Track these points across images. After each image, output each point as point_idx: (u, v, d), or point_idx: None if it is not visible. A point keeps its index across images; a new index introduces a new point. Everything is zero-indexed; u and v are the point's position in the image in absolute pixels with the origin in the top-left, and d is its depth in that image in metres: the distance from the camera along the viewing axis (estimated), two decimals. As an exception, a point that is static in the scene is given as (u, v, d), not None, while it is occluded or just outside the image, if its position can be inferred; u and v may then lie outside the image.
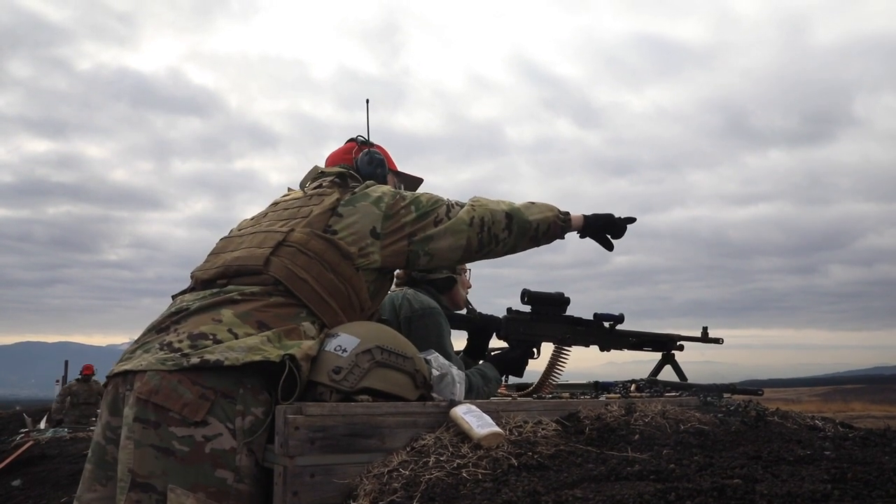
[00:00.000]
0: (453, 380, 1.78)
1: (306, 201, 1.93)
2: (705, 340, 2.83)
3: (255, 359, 1.52)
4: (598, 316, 2.58)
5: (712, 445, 1.63)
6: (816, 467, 1.37)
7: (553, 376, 2.46)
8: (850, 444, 1.67)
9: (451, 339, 2.35)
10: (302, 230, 1.80)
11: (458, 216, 1.94)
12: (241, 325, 1.61)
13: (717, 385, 2.46)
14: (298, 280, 1.72)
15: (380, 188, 1.95)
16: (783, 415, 2.10)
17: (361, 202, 1.88)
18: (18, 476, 5.95)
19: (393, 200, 1.90)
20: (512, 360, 2.47)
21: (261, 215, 1.99)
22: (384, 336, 1.69)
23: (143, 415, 1.49)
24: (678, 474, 1.34)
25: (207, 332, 1.58)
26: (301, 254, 1.75)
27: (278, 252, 1.75)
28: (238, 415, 1.51)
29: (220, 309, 1.65)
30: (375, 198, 1.89)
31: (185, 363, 1.51)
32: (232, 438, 1.50)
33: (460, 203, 2.00)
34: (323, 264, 1.75)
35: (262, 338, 1.58)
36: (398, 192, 1.97)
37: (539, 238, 2.06)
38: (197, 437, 1.47)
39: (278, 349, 1.56)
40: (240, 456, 1.50)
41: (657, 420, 1.79)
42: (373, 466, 1.48)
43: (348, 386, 1.58)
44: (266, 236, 1.82)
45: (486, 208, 1.98)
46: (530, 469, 1.43)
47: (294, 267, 1.73)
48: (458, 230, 1.92)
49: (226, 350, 1.53)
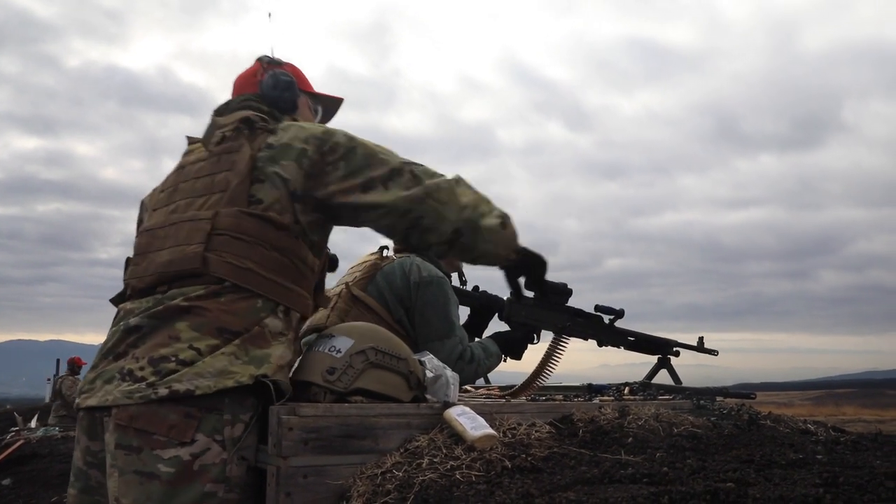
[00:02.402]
0: (447, 381, 1.78)
1: (216, 164, 1.66)
2: (701, 350, 2.85)
3: (228, 384, 1.44)
4: (599, 308, 2.59)
5: (705, 449, 1.63)
6: (808, 471, 1.38)
7: (550, 366, 2.46)
8: (842, 448, 1.67)
9: (457, 310, 2.37)
10: (228, 211, 1.58)
11: (396, 195, 1.61)
12: (200, 337, 1.48)
13: (710, 389, 2.47)
14: (243, 272, 1.56)
15: (304, 131, 1.66)
16: (776, 418, 2.11)
17: (284, 160, 1.61)
18: (8, 475, 5.92)
19: (318, 154, 1.62)
20: (513, 340, 2.49)
21: (171, 188, 1.73)
22: (379, 337, 1.69)
23: (125, 441, 1.42)
24: (671, 477, 1.34)
25: (168, 354, 1.46)
26: (236, 241, 1.57)
27: (211, 246, 1.56)
28: (226, 425, 1.46)
29: (175, 323, 1.50)
30: (298, 151, 1.62)
31: (153, 395, 1.41)
32: (221, 450, 1.45)
33: (419, 175, 1.63)
34: (262, 244, 1.58)
35: (230, 357, 1.47)
36: (328, 138, 1.65)
37: (470, 261, 1.79)
38: (184, 457, 1.41)
39: (248, 365, 1.48)
40: (230, 466, 1.45)
41: (650, 423, 1.80)
42: (366, 468, 1.48)
43: (342, 387, 1.58)
44: (191, 228, 1.60)
45: (438, 208, 1.61)
46: (524, 471, 1.44)
47: (234, 259, 1.56)
48: (383, 210, 1.60)
49: (194, 377, 1.43)
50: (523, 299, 2.53)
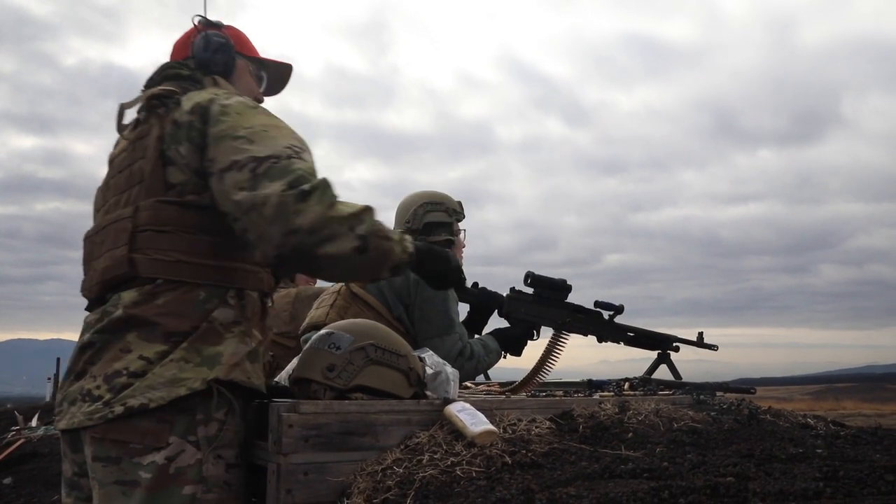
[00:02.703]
0: (447, 378, 1.78)
1: (132, 153, 1.56)
2: (700, 345, 2.85)
3: (181, 393, 1.39)
4: (599, 304, 2.60)
5: (705, 443, 1.64)
6: (808, 465, 1.38)
7: (550, 362, 2.46)
8: (842, 443, 1.68)
9: (456, 307, 2.37)
10: (146, 204, 1.48)
11: (227, 197, 1.40)
12: (148, 345, 1.42)
13: (710, 384, 2.47)
14: (173, 265, 1.46)
15: (192, 101, 1.51)
16: (775, 413, 2.11)
17: (181, 136, 1.49)
18: (9, 474, 5.92)
19: (202, 125, 1.47)
20: (513, 337, 2.49)
21: (104, 186, 1.65)
22: (378, 334, 1.69)
23: (103, 453, 1.40)
24: (671, 472, 1.34)
25: (120, 368, 1.41)
26: (159, 234, 1.47)
27: (136, 246, 1.47)
28: (199, 425, 1.42)
29: (125, 335, 1.44)
30: (188, 125, 1.49)
31: (110, 414, 1.37)
32: (196, 450, 1.42)
33: (261, 176, 1.37)
34: (187, 231, 1.48)
35: (179, 362, 1.41)
36: (209, 105, 1.49)
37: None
38: (159, 461, 1.38)
39: (201, 367, 1.42)
40: (206, 466, 1.42)
41: (650, 418, 1.80)
42: (366, 464, 1.48)
43: (342, 384, 1.58)
44: (117, 229, 1.51)
45: (262, 225, 1.36)
46: (524, 467, 1.44)
47: (161, 254, 1.46)
48: (241, 209, 1.38)
49: (146, 389, 1.38)
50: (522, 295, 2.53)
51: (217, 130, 1.46)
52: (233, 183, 1.39)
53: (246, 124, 1.46)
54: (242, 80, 1.76)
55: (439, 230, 2.49)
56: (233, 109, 1.49)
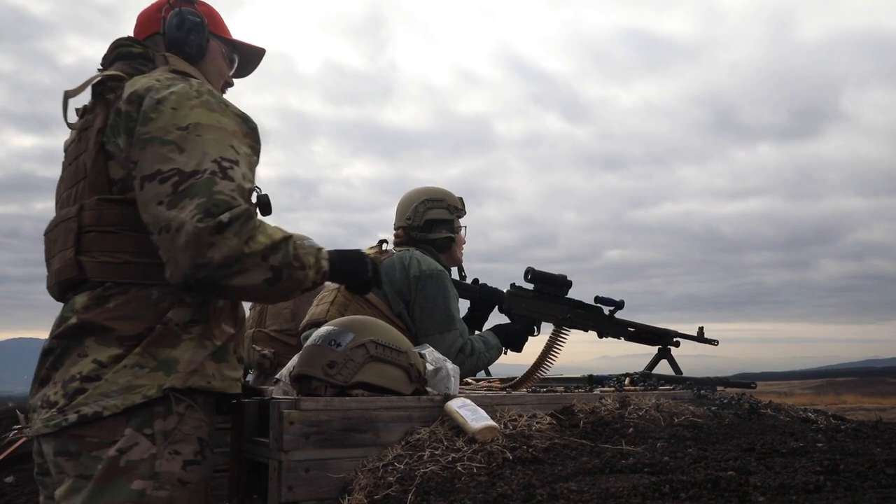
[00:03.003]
0: (448, 374, 1.78)
1: (78, 145, 1.49)
2: (701, 340, 2.86)
3: (136, 401, 1.33)
4: (599, 299, 2.60)
5: (706, 438, 1.64)
6: (809, 459, 1.39)
7: (550, 358, 2.47)
8: (843, 436, 1.68)
9: (457, 304, 2.38)
10: (90, 203, 1.42)
11: (146, 210, 1.33)
12: (104, 349, 1.37)
13: (711, 378, 2.48)
14: (120, 267, 1.40)
15: (131, 88, 1.42)
16: (776, 407, 2.11)
17: (119, 128, 1.40)
18: (11, 473, 5.93)
19: (137, 114, 1.38)
20: (514, 333, 2.50)
21: (59, 179, 1.57)
22: (379, 330, 1.68)
23: (63, 448, 1.35)
24: (672, 467, 1.34)
25: (75, 372, 1.36)
26: (105, 235, 1.40)
27: (83, 248, 1.41)
28: (157, 417, 1.36)
29: (83, 340, 1.39)
30: (125, 115, 1.40)
31: (64, 422, 1.33)
32: (151, 444, 1.35)
33: (181, 193, 1.30)
34: (133, 231, 1.39)
35: (133, 369, 1.35)
36: (144, 94, 1.40)
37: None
38: (111, 453, 1.32)
39: (157, 373, 1.36)
40: (160, 461, 1.35)
41: (651, 413, 1.80)
42: (368, 461, 1.48)
43: (342, 380, 1.58)
44: (64, 229, 1.45)
45: (173, 250, 1.30)
46: (525, 462, 1.44)
47: (107, 256, 1.40)
48: (156, 226, 1.32)
49: (100, 397, 1.33)
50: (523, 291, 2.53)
51: (144, 131, 1.36)
52: (153, 195, 1.33)
53: (180, 122, 1.37)
54: (214, 63, 1.65)
55: (440, 227, 2.49)
56: (168, 103, 1.38)
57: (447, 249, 2.52)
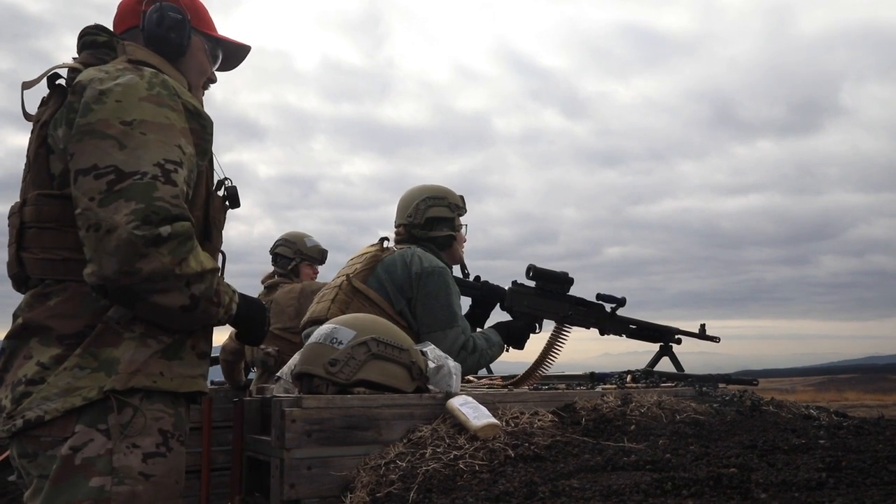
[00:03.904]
0: (449, 371, 1.78)
1: (32, 138, 1.45)
2: (702, 337, 2.86)
3: (76, 404, 1.29)
4: (601, 296, 2.60)
5: (708, 435, 1.64)
6: (811, 456, 1.38)
7: (552, 355, 2.47)
8: (845, 433, 1.68)
9: (459, 301, 2.38)
10: (31, 198, 1.38)
11: (80, 203, 1.28)
12: (45, 349, 1.33)
13: (713, 375, 2.48)
14: (59, 264, 1.35)
15: (78, 78, 1.37)
16: (778, 404, 2.11)
17: (61, 121, 1.36)
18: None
19: (87, 121, 1.31)
20: (516, 330, 2.50)
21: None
22: (380, 328, 1.68)
23: (22, 449, 1.33)
24: (674, 464, 1.34)
25: (21, 375, 1.33)
26: (44, 231, 1.36)
27: (24, 244, 1.38)
28: (110, 411, 1.31)
29: (28, 341, 1.35)
30: (68, 106, 1.35)
31: (13, 428, 1.30)
32: (106, 440, 1.30)
33: (118, 193, 1.25)
34: (73, 226, 1.33)
35: (73, 370, 1.30)
36: (88, 84, 1.34)
37: None
38: (63, 451, 1.28)
39: (98, 373, 1.31)
40: (117, 456, 1.31)
41: (653, 410, 1.80)
42: (370, 458, 1.49)
43: (344, 378, 1.58)
44: (10, 224, 1.43)
45: (100, 253, 1.25)
46: (527, 460, 1.44)
47: (46, 253, 1.36)
48: (85, 223, 1.27)
49: (42, 401, 1.29)
50: (524, 288, 2.53)
51: (84, 122, 1.31)
52: (86, 189, 1.27)
53: (124, 116, 1.31)
54: (195, 59, 1.60)
55: (441, 225, 2.49)
56: (112, 95, 1.32)
57: (448, 247, 2.52)
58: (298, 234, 3.89)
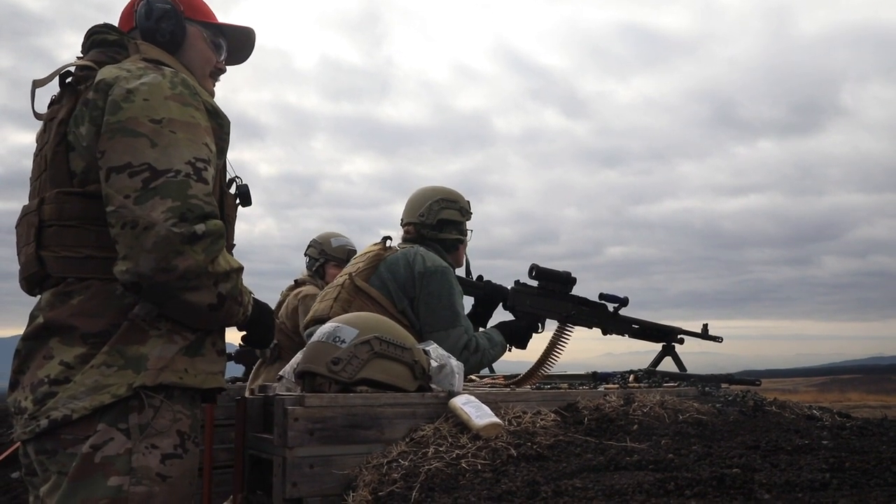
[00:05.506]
0: (452, 370, 1.78)
1: (43, 136, 1.44)
2: (705, 337, 2.86)
3: (105, 401, 1.29)
4: (603, 296, 2.60)
5: (711, 435, 1.63)
6: (814, 456, 1.38)
7: (554, 355, 2.47)
8: (848, 434, 1.67)
9: (462, 300, 2.39)
10: (50, 196, 1.37)
11: (115, 201, 1.28)
12: (68, 349, 1.32)
13: (715, 376, 2.47)
14: (81, 262, 1.35)
15: (100, 76, 1.36)
16: (781, 405, 2.11)
17: (83, 118, 1.35)
18: (18, 468, 5.96)
19: (104, 104, 1.32)
20: (518, 330, 2.51)
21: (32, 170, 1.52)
22: (383, 327, 1.68)
23: (41, 447, 1.33)
24: (677, 464, 1.34)
25: (42, 376, 1.32)
26: (65, 230, 1.36)
27: (44, 243, 1.37)
28: (132, 411, 1.31)
29: (47, 341, 1.35)
30: (92, 104, 1.35)
31: (37, 428, 1.30)
32: (126, 439, 1.31)
33: (150, 192, 1.27)
34: (94, 224, 1.34)
35: (101, 368, 1.30)
36: (114, 83, 1.34)
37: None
38: (84, 449, 1.28)
39: (126, 370, 1.31)
40: (136, 456, 1.31)
41: (656, 410, 1.80)
42: (372, 457, 1.49)
43: (347, 377, 1.58)
44: (28, 223, 1.41)
45: (136, 249, 1.26)
46: (529, 459, 1.44)
47: (68, 251, 1.35)
48: (120, 221, 1.27)
49: (68, 400, 1.29)
50: (527, 288, 2.53)
51: (114, 120, 1.31)
52: (120, 187, 1.27)
53: (153, 115, 1.32)
54: (195, 49, 1.58)
55: (451, 228, 2.50)
56: (139, 94, 1.33)
57: (454, 250, 2.52)
58: (326, 235, 3.84)
